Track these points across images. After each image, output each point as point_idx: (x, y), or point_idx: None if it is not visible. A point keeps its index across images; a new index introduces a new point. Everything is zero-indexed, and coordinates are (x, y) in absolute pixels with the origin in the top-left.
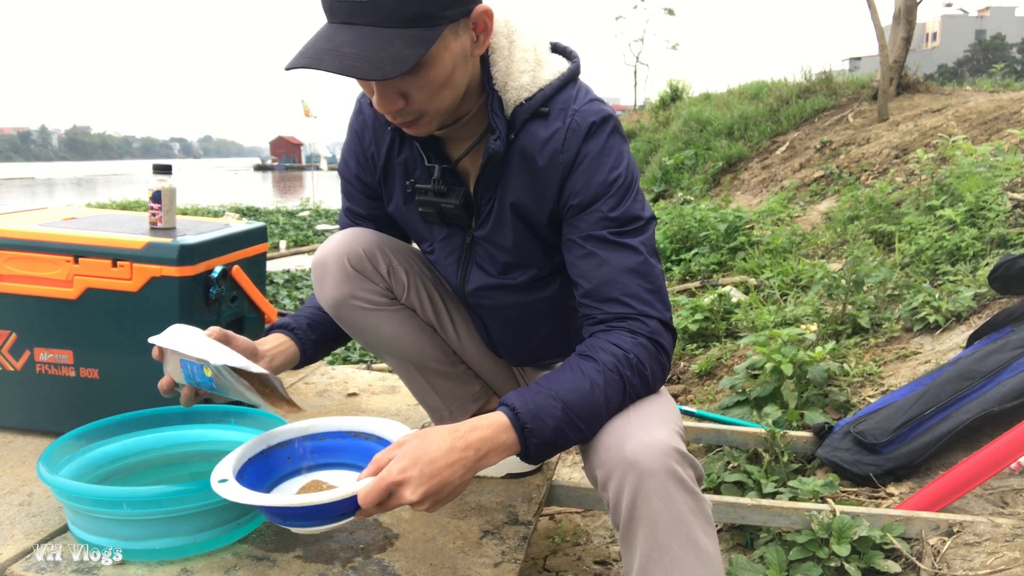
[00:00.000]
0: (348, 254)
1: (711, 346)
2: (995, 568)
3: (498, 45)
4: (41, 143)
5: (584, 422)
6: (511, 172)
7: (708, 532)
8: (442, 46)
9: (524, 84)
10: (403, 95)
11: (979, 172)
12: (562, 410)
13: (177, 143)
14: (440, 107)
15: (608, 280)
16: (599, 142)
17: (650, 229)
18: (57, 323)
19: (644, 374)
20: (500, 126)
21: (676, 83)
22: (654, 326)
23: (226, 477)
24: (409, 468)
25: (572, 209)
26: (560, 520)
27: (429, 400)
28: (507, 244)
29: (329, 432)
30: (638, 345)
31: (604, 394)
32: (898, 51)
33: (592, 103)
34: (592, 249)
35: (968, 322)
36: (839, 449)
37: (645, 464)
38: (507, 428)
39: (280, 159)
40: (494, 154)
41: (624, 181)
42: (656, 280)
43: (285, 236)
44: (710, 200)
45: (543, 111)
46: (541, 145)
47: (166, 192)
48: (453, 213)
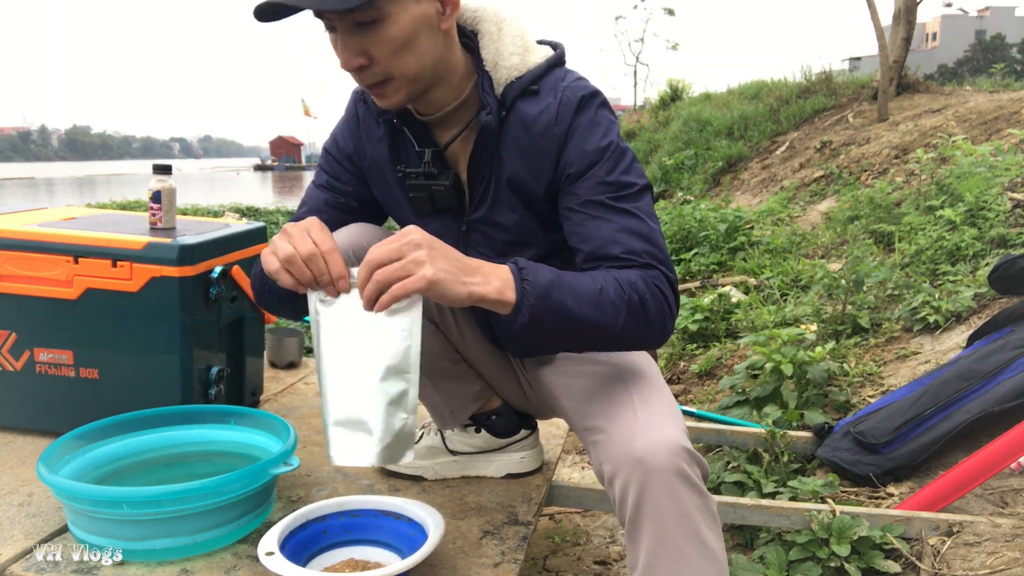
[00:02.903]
0: (352, 248)
1: (711, 346)
2: (995, 568)
3: (487, 31)
4: (41, 143)
5: (578, 297)
6: (505, 148)
7: (714, 530)
8: (400, 5)
9: (514, 64)
10: (365, 52)
11: (979, 172)
12: (557, 274)
13: (177, 143)
14: (405, 71)
15: (609, 239)
16: (590, 114)
17: (647, 197)
18: (57, 323)
19: (643, 297)
20: (491, 103)
21: (676, 83)
22: (655, 273)
23: (272, 550)
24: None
25: (569, 178)
26: (560, 520)
27: (429, 398)
28: (505, 222)
29: (363, 510)
30: (636, 275)
31: (600, 288)
32: (898, 51)
33: (580, 80)
34: (592, 213)
35: (968, 322)
36: (839, 449)
37: (652, 461)
38: (505, 270)
39: (280, 159)
40: (486, 127)
41: (617, 147)
42: (656, 241)
43: None
44: (710, 200)
45: (533, 89)
46: (534, 119)
47: (166, 192)
48: (443, 196)
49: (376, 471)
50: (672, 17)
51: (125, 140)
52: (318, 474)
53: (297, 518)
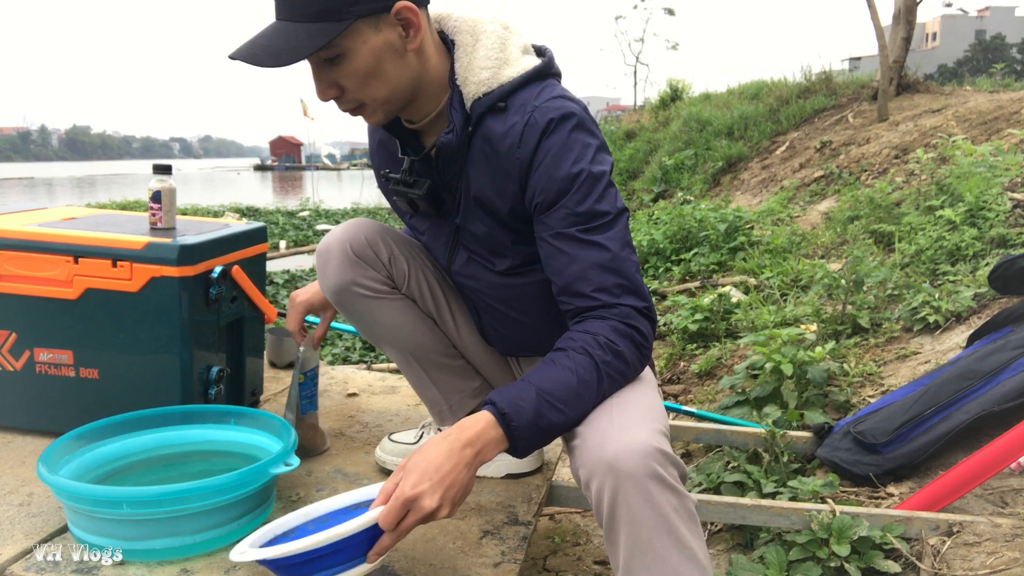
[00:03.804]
0: (351, 240)
1: (711, 346)
2: (995, 568)
3: (462, 43)
4: (41, 143)
5: (563, 403)
6: (472, 165)
7: (692, 529)
8: (359, 39)
9: (483, 79)
10: (336, 85)
11: (979, 172)
12: (535, 393)
13: (177, 143)
14: (376, 97)
15: (579, 277)
16: (559, 138)
17: (620, 223)
18: (57, 323)
19: (618, 351)
20: (455, 119)
21: (676, 83)
22: (625, 311)
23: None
24: (419, 481)
25: (539, 207)
26: (560, 520)
27: (428, 393)
28: (479, 233)
29: (330, 512)
30: (606, 327)
31: (576, 374)
32: (898, 51)
33: (555, 100)
34: (561, 247)
35: (968, 322)
36: (839, 449)
37: (624, 466)
38: (492, 423)
39: (280, 159)
40: (444, 146)
41: (589, 175)
42: (626, 273)
43: (285, 236)
44: (710, 200)
45: (500, 106)
46: (498, 139)
47: (166, 192)
48: (422, 202)
49: (377, 472)
50: (672, 17)
51: (125, 140)
52: (318, 474)
53: (265, 534)
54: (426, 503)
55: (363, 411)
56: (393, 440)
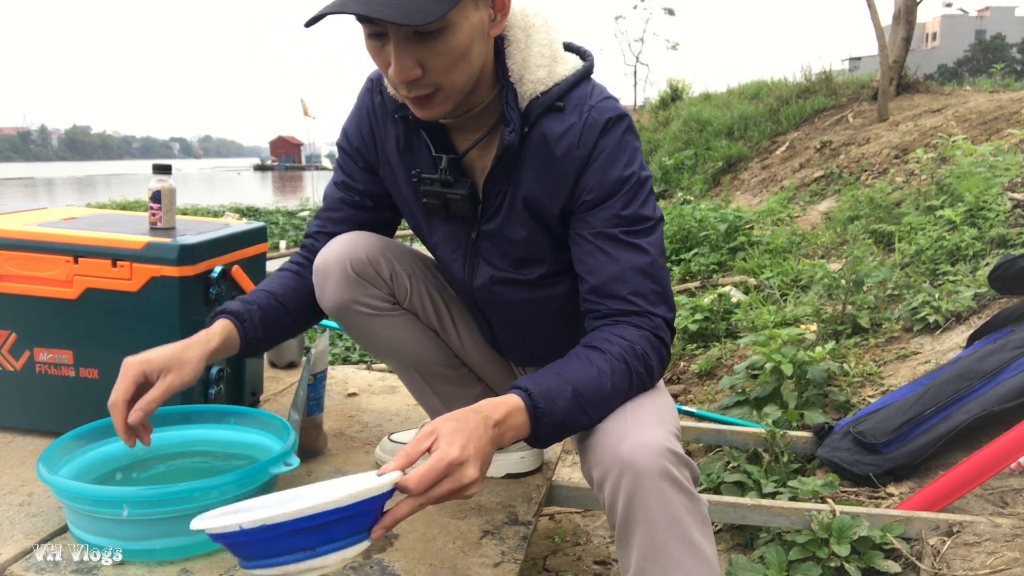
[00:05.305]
0: (350, 259)
1: (711, 346)
2: (995, 568)
3: (515, 37)
4: (41, 143)
5: (592, 408)
6: (525, 165)
7: (704, 532)
8: (463, 15)
9: (540, 78)
10: (420, 63)
11: (979, 172)
12: (572, 393)
13: (177, 143)
14: (455, 83)
15: (616, 277)
16: (614, 138)
17: (659, 230)
18: (57, 323)
19: (649, 365)
20: (515, 118)
21: (676, 83)
22: (658, 322)
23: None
24: (467, 445)
25: (584, 204)
26: (560, 520)
27: (430, 402)
28: (517, 238)
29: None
30: (643, 338)
31: (611, 381)
32: (898, 51)
33: (607, 100)
34: (601, 246)
35: (968, 322)
36: (839, 449)
37: (640, 465)
38: (520, 409)
39: (280, 159)
40: (509, 146)
41: (638, 179)
42: (663, 281)
43: (285, 236)
44: (710, 200)
45: (559, 105)
46: (556, 139)
47: (166, 192)
48: (458, 205)
49: None
50: (672, 17)
51: (125, 140)
52: (318, 474)
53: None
54: (470, 471)
55: (363, 411)
56: (393, 440)
